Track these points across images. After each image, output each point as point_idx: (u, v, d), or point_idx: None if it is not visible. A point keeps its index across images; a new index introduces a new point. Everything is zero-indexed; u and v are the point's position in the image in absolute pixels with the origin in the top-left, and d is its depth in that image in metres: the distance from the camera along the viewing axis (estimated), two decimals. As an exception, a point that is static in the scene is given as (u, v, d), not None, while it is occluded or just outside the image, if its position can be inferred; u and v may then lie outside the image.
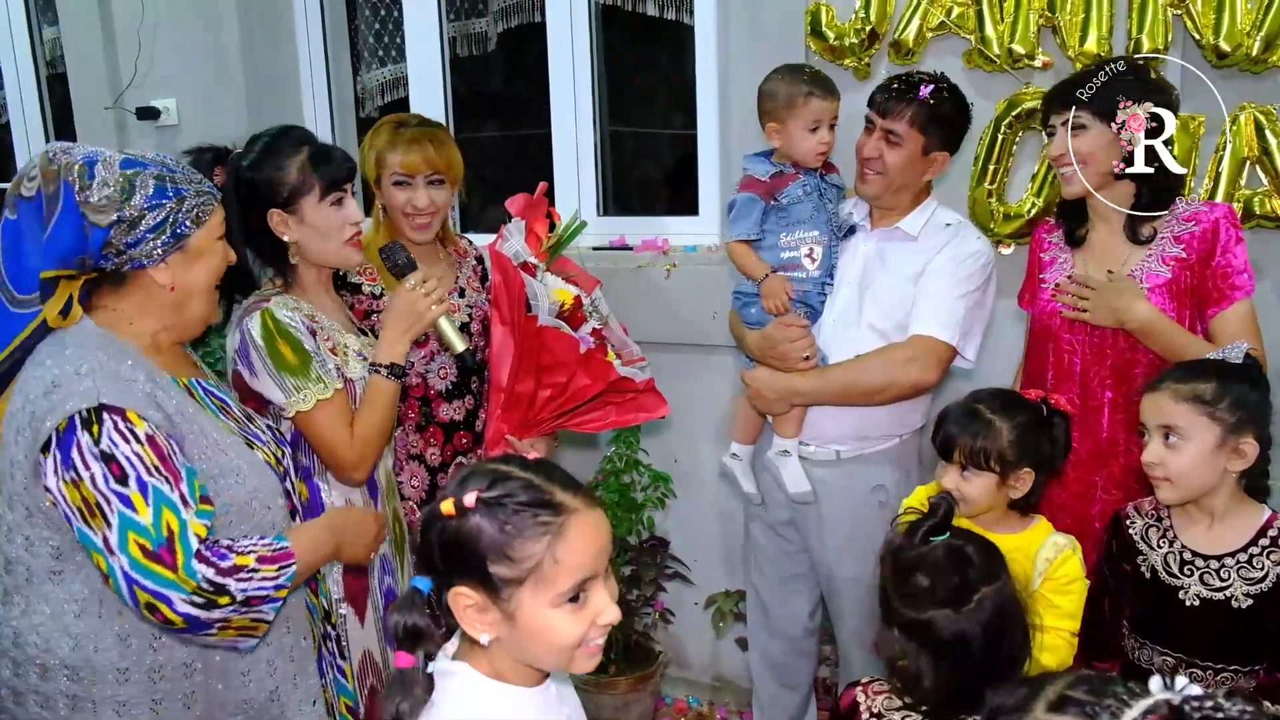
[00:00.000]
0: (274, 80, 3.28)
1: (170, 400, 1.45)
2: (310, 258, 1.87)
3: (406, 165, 2.13)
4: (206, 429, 1.49)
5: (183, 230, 1.45)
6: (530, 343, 2.11)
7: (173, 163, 1.49)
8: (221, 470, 1.47)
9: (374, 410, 1.84)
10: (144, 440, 1.36)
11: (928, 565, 1.37)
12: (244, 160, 1.83)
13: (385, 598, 1.95)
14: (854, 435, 2.18)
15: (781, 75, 2.14)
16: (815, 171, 2.17)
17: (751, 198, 2.16)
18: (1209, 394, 1.61)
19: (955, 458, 1.74)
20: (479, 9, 3.24)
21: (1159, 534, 1.74)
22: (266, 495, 1.54)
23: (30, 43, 3.78)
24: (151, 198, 1.42)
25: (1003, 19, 2.33)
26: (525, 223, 2.21)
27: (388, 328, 1.88)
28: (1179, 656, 1.69)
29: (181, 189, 1.45)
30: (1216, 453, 1.62)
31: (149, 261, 1.44)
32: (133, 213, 1.40)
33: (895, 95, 2.05)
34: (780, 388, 2.15)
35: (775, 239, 2.16)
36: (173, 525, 1.34)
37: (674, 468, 2.93)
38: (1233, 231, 1.91)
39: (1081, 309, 1.97)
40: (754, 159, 2.21)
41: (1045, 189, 2.36)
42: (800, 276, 2.16)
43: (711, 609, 2.88)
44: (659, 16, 2.92)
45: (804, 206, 2.15)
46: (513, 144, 3.44)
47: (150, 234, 1.42)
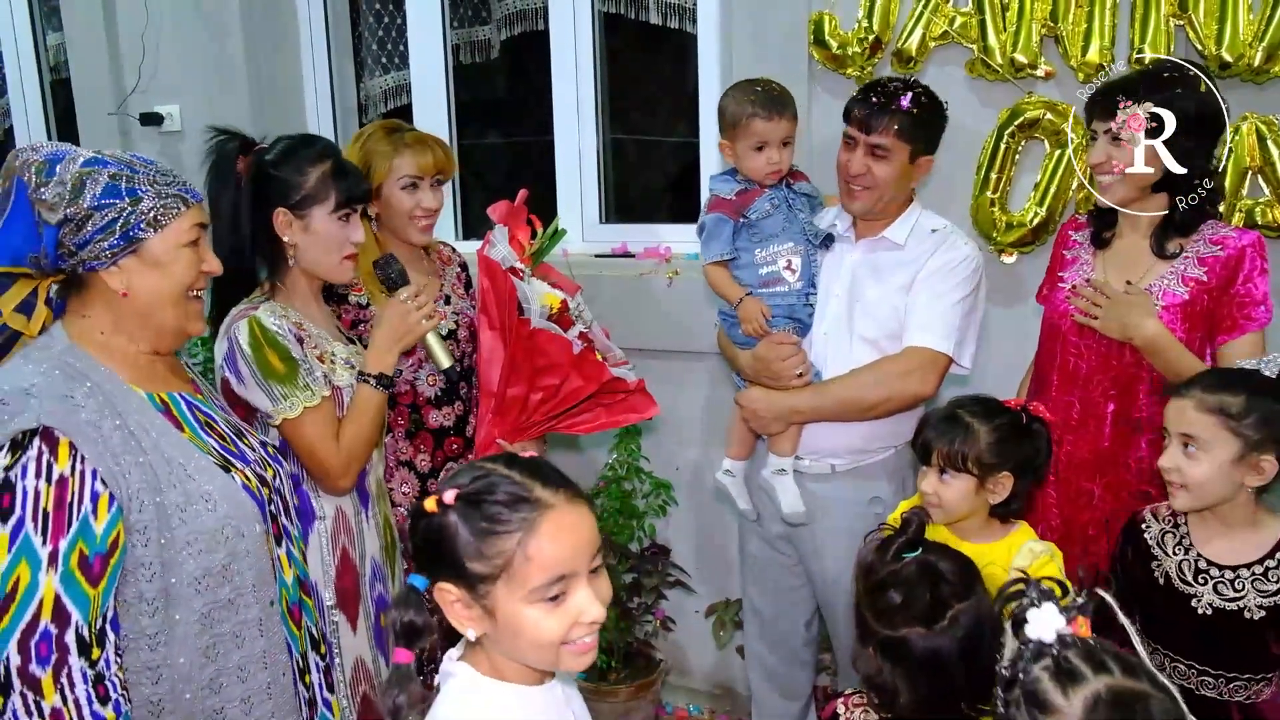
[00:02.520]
0: (278, 86, 3.29)
1: (129, 426, 1.37)
2: (304, 265, 1.87)
3: (421, 167, 2.17)
4: (173, 455, 1.40)
5: (136, 233, 1.37)
6: (524, 345, 2.11)
7: (144, 164, 1.41)
8: (188, 497, 1.39)
9: (361, 419, 1.84)
10: (54, 480, 1.26)
11: (900, 582, 1.36)
12: (268, 155, 1.83)
13: (376, 605, 1.94)
14: (849, 449, 2.17)
15: (733, 92, 2.12)
16: (781, 183, 2.15)
17: (720, 218, 2.14)
18: (1235, 408, 1.58)
19: (934, 461, 1.74)
20: (482, 16, 3.25)
21: (1175, 540, 1.72)
22: (240, 521, 1.44)
23: (34, 48, 3.79)
24: (100, 196, 1.34)
25: (1005, 29, 2.34)
26: (508, 229, 2.22)
27: (378, 338, 1.89)
28: (1190, 663, 1.68)
29: (139, 190, 1.37)
30: (1234, 467, 1.60)
31: (98, 264, 1.37)
32: (79, 212, 1.33)
33: (876, 109, 2.01)
34: (778, 408, 2.13)
35: (750, 256, 2.14)
36: (21, 582, 1.23)
37: (675, 475, 2.93)
38: (1258, 261, 1.89)
39: (1092, 316, 1.96)
40: (718, 179, 2.20)
41: (1048, 198, 2.36)
42: (783, 290, 2.14)
43: (712, 617, 2.88)
44: (662, 25, 2.93)
45: (774, 220, 2.13)
46: (515, 151, 3.45)
47: (98, 235, 1.35)
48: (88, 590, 1.28)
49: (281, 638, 1.53)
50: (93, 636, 1.29)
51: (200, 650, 1.41)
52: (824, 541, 2.21)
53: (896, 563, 1.39)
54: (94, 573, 1.29)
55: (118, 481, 1.32)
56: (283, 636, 1.54)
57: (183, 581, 1.38)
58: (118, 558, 1.32)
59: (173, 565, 1.37)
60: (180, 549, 1.37)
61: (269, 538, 1.51)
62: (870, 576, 1.40)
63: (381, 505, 2.01)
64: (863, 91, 2.08)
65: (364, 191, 1.90)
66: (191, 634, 1.40)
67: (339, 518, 1.88)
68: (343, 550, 1.88)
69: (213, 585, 1.41)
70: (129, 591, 1.35)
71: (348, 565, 1.88)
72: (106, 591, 1.31)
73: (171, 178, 1.43)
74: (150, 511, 1.35)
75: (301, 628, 1.61)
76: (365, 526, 1.93)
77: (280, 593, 1.53)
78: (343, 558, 1.88)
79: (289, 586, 1.56)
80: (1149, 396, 1.95)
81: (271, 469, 1.57)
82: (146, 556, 1.35)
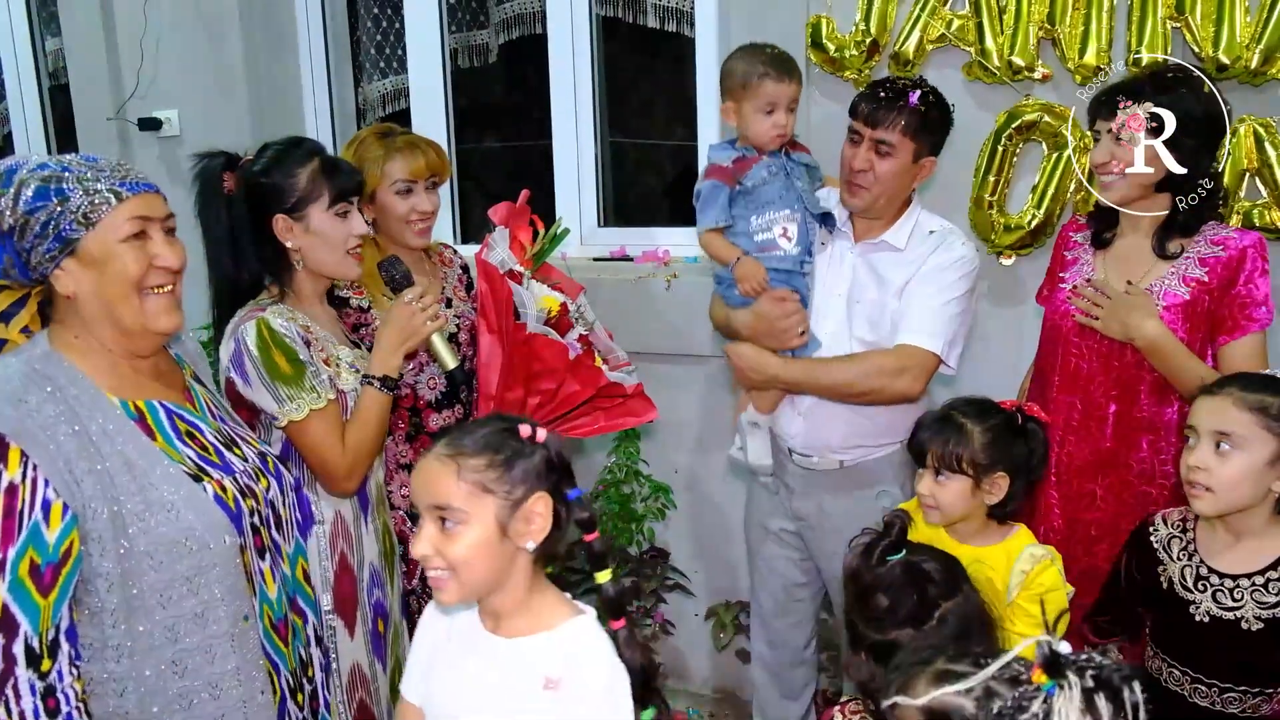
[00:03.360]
0: (276, 91, 3.29)
1: (89, 431, 1.33)
2: (311, 267, 1.87)
3: (414, 171, 2.16)
4: (137, 463, 1.36)
5: (67, 233, 1.33)
6: (519, 350, 2.11)
7: (84, 163, 1.37)
8: (148, 506, 1.35)
9: (365, 422, 1.84)
10: (3, 488, 1.24)
11: (886, 586, 1.36)
12: (255, 165, 1.84)
13: (374, 610, 1.94)
14: (852, 445, 2.17)
15: (741, 54, 2.09)
16: (780, 151, 2.12)
17: (715, 184, 2.11)
18: (1276, 408, 1.56)
19: (929, 462, 1.74)
20: (480, 21, 3.26)
21: (1180, 545, 1.71)
22: (206, 532, 1.38)
23: (33, 54, 3.79)
24: (32, 200, 1.32)
25: (1003, 31, 2.34)
26: (509, 231, 2.22)
27: (383, 340, 1.88)
28: (1185, 670, 1.67)
29: (66, 189, 1.33)
30: (1268, 469, 1.57)
31: (45, 270, 1.34)
32: (18, 219, 1.32)
33: (884, 104, 2.00)
34: (765, 371, 2.12)
35: (746, 224, 2.11)
36: None
37: (674, 478, 2.93)
38: (1259, 262, 1.89)
39: (1094, 316, 1.96)
40: (717, 147, 2.18)
41: (1046, 200, 2.36)
42: (779, 255, 2.11)
43: (712, 621, 2.88)
44: (660, 29, 2.93)
45: (771, 187, 2.10)
46: (513, 155, 3.45)
47: (37, 239, 1.32)
48: (38, 600, 1.25)
49: (259, 655, 1.47)
50: (44, 647, 1.26)
51: (166, 662, 1.37)
52: (833, 536, 2.20)
53: (882, 566, 1.39)
54: (45, 582, 1.25)
55: (70, 489, 1.29)
56: (260, 654, 1.47)
57: (144, 592, 1.35)
58: (71, 567, 1.28)
59: (133, 575, 1.33)
60: (140, 559, 1.34)
61: (245, 551, 1.45)
62: (857, 582, 1.40)
63: (381, 511, 2.00)
64: (870, 87, 2.07)
65: (357, 184, 1.90)
66: (157, 646, 1.36)
67: (338, 523, 1.88)
68: (341, 555, 1.88)
69: (177, 598, 1.37)
70: (91, 600, 1.32)
71: (346, 570, 1.88)
72: (59, 601, 1.27)
73: (108, 172, 1.37)
74: (105, 520, 1.32)
75: (290, 646, 1.55)
76: (364, 532, 1.93)
77: (261, 608, 1.48)
78: (341, 563, 1.87)
79: (273, 603, 1.51)
80: (1150, 397, 1.95)
81: (265, 480, 1.52)
82: (104, 566, 1.32)
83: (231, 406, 1.72)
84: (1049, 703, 0.88)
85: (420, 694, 1.40)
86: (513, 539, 1.25)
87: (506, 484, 1.24)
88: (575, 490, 1.30)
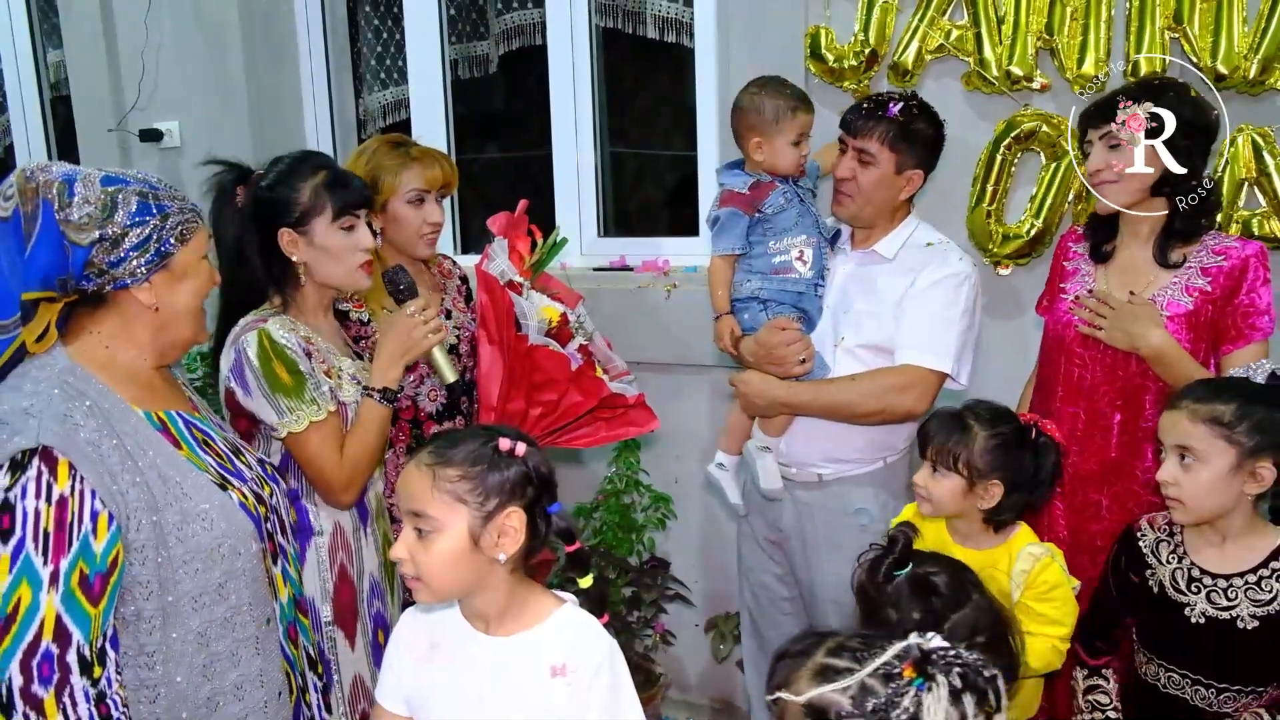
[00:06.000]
0: (277, 102, 3.30)
1: (126, 445, 1.36)
2: (319, 279, 1.88)
3: (429, 180, 2.18)
4: (170, 474, 1.39)
5: (167, 248, 1.41)
6: (521, 362, 2.11)
7: (155, 180, 1.45)
8: (185, 516, 1.39)
9: (365, 434, 1.84)
10: (54, 500, 1.27)
11: (893, 601, 1.36)
12: (263, 180, 1.85)
13: (374, 622, 1.93)
14: (829, 459, 2.17)
15: (764, 91, 2.13)
16: (789, 177, 2.17)
17: (735, 212, 2.15)
18: (1228, 415, 1.58)
19: (929, 455, 1.77)
20: (480, 31, 3.27)
21: (1169, 549, 1.72)
22: (236, 540, 1.44)
23: (34, 65, 3.81)
24: (135, 215, 1.38)
25: (1001, 41, 2.34)
26: (508, 241, 2.22)
27: (383, 352, 1.88)
28: (1184, 673, 1.68)
29: (165, 206, 1.41)
30: (1233, 476, 1.59)
31: (132, 281, 1.39)
32: (116, 230, 1.36)
33: (865, 114, 2.06)
34: (769, 396, 2.13)
35: (764, 248, 2.15)
36: (23, 602, 1.24)
37: (675, 488, 2.92)
38: (1261, 271, 1.90)
39: (1097, 326, 1.96)
40: (728, 173, 2.20)
41: (1044, 210, 2.36)
42: (793, 279, 2.14)
43: (712, 631, 2.87)
44: (659, 39, 2.94)
45: (788, 214, 2.14)
46: (513, 165, 3.46)
47: (134, 252, 1.38)
48: (88, 609, 1.28)
49: (278, 656, 1.52)
50: (94, 655, 1.28)
51: (198, 669, 1.40)
52: (810, 548, 2.21)
53: (888, 582, 1.39)
54: (94, 592, 1.28)
55: (116, 501, 1.32)
56: (279, 655, 1.53)
57: (180, 600, 1.38)
58: (117, 576, 1.32)
59: (170, 583, 1.37)
60: (177, 567, 1.37)
61: (266, 556, 1.50)
62: (865, 598, 1.40)
63: (381, 522, 2.00)
64: (861, 99, 2.12)
65: (363, 197, 1.90)
66: (189, 652, 1.39)
67: (337, 533, 1.87)
68: (340, 567, 1.87)
69: (209, 604, 1.41)
70: (127, 609, 1.35)
71: (346, 582, 1.88)
72: (107, 610, 1.30)
73: (181, 193, 1.48)
74: (147, 530, 1.35)
75: (299, 647, 1.60)
76: (364, 543, 1.92)
77: (278, 611, 1.52)
78: (340, 574, 1.87)
79: (285, 606, 1.55)
80: (1155, 407, 1.94)
81: (269, 487, 1.56)
82: (144, 575, 1.35)
83: (231, 416, 1.72)
84: (919, 698, 0.94)
85: (401, 701, 1.43)
86: (484, 550, 1.29)
87: (480, 496, 1.29)
88: (556, 505, 1.34)
